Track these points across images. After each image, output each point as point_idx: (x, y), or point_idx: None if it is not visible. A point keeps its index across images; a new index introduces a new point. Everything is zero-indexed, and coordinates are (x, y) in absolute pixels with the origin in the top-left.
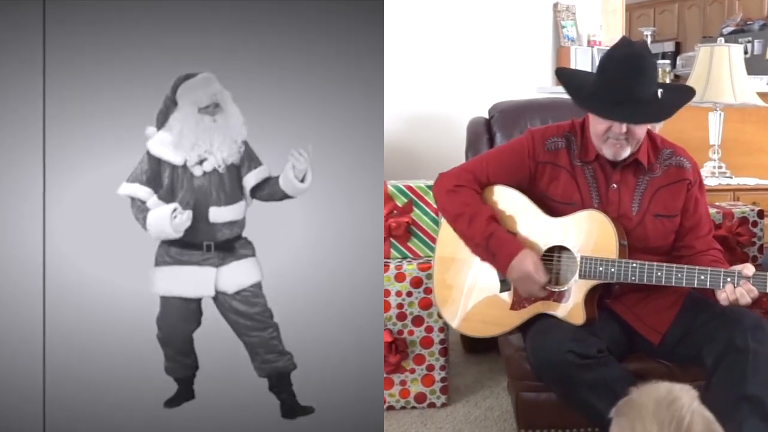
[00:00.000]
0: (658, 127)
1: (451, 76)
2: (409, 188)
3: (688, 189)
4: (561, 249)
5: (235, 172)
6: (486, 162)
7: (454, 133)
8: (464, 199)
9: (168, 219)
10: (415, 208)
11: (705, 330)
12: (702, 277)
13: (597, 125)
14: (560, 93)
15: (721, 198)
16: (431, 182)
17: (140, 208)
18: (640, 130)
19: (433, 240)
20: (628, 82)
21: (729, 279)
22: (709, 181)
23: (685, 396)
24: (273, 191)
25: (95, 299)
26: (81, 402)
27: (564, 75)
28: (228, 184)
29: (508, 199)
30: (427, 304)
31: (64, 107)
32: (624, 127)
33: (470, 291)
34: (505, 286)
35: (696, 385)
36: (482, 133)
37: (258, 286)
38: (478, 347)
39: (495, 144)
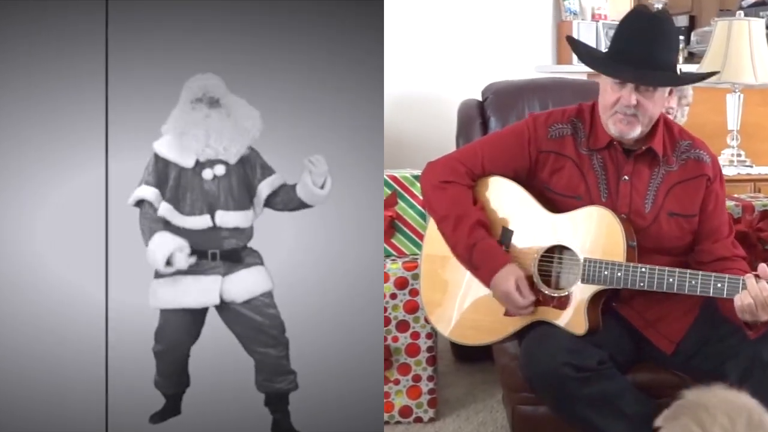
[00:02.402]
0: (682, 120)
1: (440, 54)
2: (394, 179)
3: (707, 186)
4: (563, 249)
5: (245, 179)
6: (480, 150)
7: (443, 117)
8: (452, 198)
9: (163, 256)
10: (399, 201)
11: (728, 343)
12: (719, 285)
13: (606, 95)
14: (562, 72)
15: (740, 189)
16: (418, 172)
17: (149, 219)
18: (653, 106)
19: (420, 236)
20: (646, 42)
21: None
22: (728, 171)
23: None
24: (288, 199)
25: (79, 309)
26: (60, 415)
27: (575, 41)
28: (237, 190)
29: (505, 193)
30: (413, 308)
31: (47, 109)
32: (634, 99)
33: (462, 294)
34: None
35: None
36: (475, 117)
37: (269, 295)
38: (470, 356)
39: (489, 129)
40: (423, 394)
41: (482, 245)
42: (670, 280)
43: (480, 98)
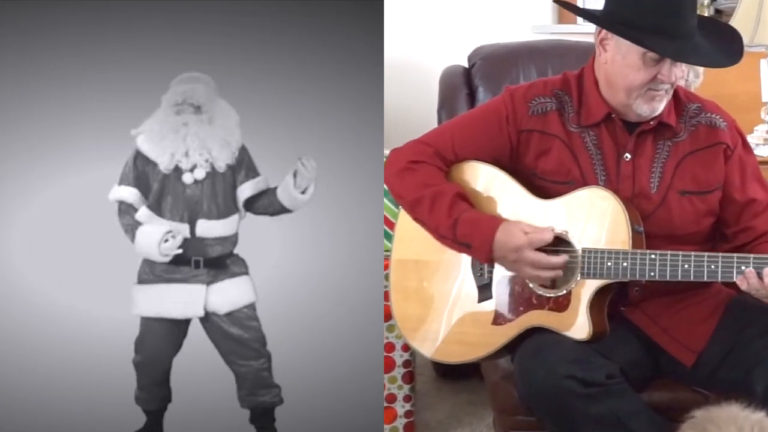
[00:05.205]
0: (697, 81)
1: (419, 13)
2: None
3: (726, 156)
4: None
5: (230, 182)
6: (451, 132)
7: (422, 87)
8: (423, 178)
9: (157, 242)
10: None
11: (753, 349)
12: (742, 268)
13: (636, 73)
14: (563, 33)
15: None
16: None
17: (129, 217)
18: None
19: (392, 226)
20: (675, 8)
21: None
22: (761, 151)
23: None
24: (269, 203)
25: (54, 321)
26: None
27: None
28: (221, 195)
29: (484, 179)
30: (386, 314)
31: (18, 111)
32: (673, 74)
33: (443, 304)
34: (484, 294)
35: None
36: (460, 86)
37: (252, 307)
38: (455, 372)
39: (477, 101)
40: (398, 417)
41: (466, 217)
42: (686, 266)
43: (466, 64)
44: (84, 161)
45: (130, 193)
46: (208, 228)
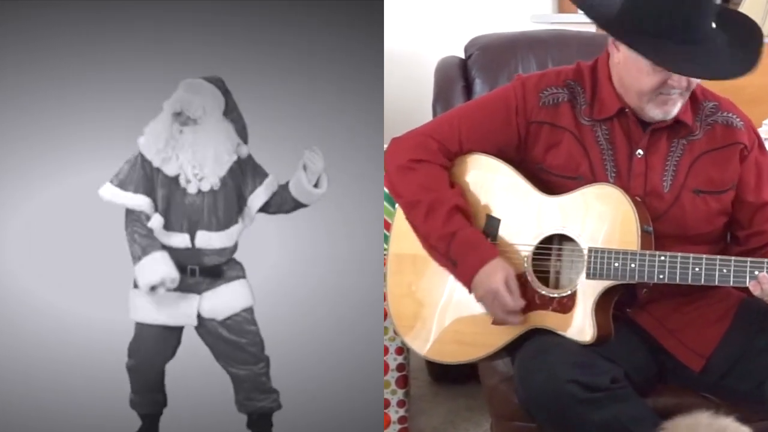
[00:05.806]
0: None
1: (416, 3)
2: None
3: (742, 157)
4: (562, 239)
5: (232, 194)
6: (457, 122)
7: (417, 79)
8: (423, 179)
9: (151, 282)
10: None
11: (765, 360)
12: (756, 273)
13: (645, 77)
14: (564, 23)
15: None
16: (385, 146)
17: (141, 231)
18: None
19: (389, 228)
20: (686, 14)
21: None
22: None
23: (736, 424)
24: (282, 200)
25: (51, 323)
26: None
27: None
28: (223, 207)
29: (489, 173)
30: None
31: (18, 111)
32: (685, 80)
33: (440, 301)
34: None
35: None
36: (456, 78)
37: (250, 311)
38: (451, 376)
39: (474, 94)
40: (392, 423)
41: (462, 235)
42: (696, 269)
43: (463, 55)
44: (84, 161)
45: (144, 202)
46: (207, 240)
